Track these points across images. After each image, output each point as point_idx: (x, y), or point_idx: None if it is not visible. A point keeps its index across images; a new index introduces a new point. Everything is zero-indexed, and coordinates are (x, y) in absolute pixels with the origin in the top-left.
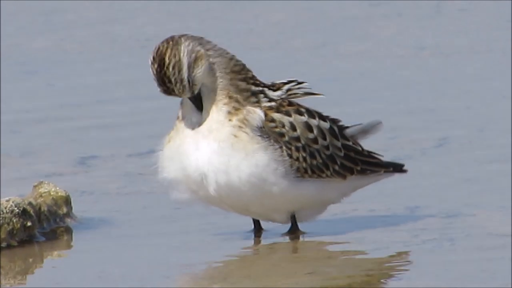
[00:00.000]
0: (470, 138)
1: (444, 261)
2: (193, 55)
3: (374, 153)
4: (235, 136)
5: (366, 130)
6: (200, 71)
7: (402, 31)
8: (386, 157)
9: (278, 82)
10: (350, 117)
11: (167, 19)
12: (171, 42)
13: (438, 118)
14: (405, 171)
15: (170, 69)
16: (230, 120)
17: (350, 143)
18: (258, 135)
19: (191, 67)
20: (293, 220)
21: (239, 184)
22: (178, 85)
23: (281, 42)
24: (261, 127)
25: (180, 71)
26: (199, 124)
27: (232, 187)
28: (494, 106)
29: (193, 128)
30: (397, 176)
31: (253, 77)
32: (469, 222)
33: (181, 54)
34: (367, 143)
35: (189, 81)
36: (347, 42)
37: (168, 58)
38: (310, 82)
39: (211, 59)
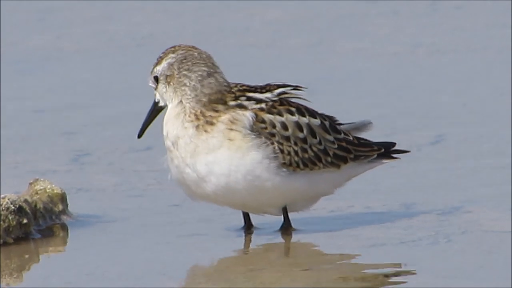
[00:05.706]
0: (466, 135)
1: (440, 258)
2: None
3: (365, 139)
4: (230, 139)
5: (357, 128)
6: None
7: (398, 29)
8: None
9: (272, 83)
10: (346, 115)
11: (163, 17)
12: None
13: (434, 115)
14: (396, 151)
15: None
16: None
17: (341, 136)
18: (250, 134)
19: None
20: (286, 215)
21: (236, 184)
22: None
23: (277, 40)
24: (252, 126)
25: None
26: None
27: (230, 187)
28: (491, 103)
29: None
30: (391, 170)
31: (233, 90)
32: (465, 219)
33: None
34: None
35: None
36: (343, 40)
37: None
38: (306, 80)
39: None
